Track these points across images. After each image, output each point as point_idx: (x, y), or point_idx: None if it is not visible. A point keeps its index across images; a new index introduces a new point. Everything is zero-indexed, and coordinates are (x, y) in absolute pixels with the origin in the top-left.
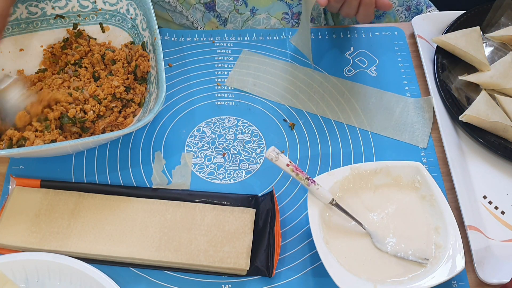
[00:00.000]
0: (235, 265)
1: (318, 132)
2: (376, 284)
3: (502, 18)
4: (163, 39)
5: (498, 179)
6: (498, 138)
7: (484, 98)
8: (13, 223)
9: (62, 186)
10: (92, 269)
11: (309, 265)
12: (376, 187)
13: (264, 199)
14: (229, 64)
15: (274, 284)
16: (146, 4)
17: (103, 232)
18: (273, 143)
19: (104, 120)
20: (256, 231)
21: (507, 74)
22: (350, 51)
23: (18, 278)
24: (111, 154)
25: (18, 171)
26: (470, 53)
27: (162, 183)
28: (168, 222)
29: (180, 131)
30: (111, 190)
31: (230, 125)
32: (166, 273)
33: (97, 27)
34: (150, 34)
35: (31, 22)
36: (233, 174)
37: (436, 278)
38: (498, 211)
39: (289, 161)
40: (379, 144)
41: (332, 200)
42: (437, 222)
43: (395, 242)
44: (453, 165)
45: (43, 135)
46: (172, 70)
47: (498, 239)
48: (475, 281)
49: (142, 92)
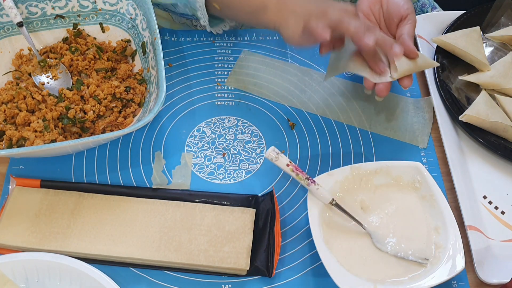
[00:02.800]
0: (235, 265)
1: (318, 132)
2: (376, 284)
3: (502, 18)
4: (163, 39)
5: (498, 179)
6: (498, 138)
7: (484, 98)
8: (13, 223)
9: (62, 186)
10: (92, 269)
11: (309, 265)
12: (376, 187)
13: (264, 199)
14: (229, 64)
15: (274, 284)
16: (146, 4)
17: (103, 232)
18: (273, 143)
19: (104, 120)
20: (256, 231)
21: (507, 74)
22: None
23: (18, 278)
24: (111, 154)
25: (18, 171)
26: (470, 53)
27: (162, 183)
28: (168, 222)
29: (180, 131)
30: (111, 190)
31: (230, 125)
32: (166, 273)
33: (97, 27)
34: (150, 34)
35: (31, 22)
36: (233, 174)
37: (436, 278)
38: (498, 211)
39: (289, 161)
40: (379, 144)
41: (332, 200)
42: (437, 222)
43: (395, 242)
44: (453, 165)
45: (43, 135)
46: (172, 70)
47: (498, 239)
48: (475, 281)
49: (142, 92)
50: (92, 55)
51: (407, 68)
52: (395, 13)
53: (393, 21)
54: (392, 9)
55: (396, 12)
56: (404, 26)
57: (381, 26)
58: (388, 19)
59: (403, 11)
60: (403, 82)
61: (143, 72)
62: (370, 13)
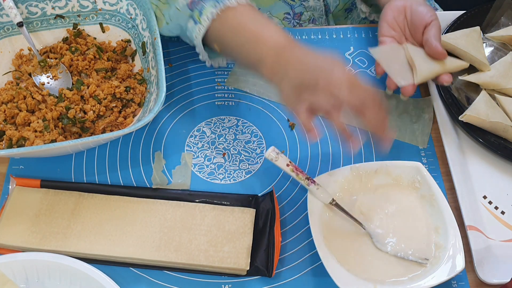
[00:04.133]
0: (235, 265)
1: (318, 132)
2: (376, 284)
3: (502, 18)
4: (163, 39)
5: (498, 179)
6: (498, 138)
7: (484, 98)
8: (13, 223)
9: (62, 186)
10: (92, 269)
11: (309, 265)
12: (376, 187)
13: (264, 199)
14: (229, 64)
15: (274, 284)
16: (146, 4)
17: (103, 232)
18: (273, 143)
19: (104, 120)
20: (256, 231)
21: (507, 74)
22: (350, 51)
23: (18, 278)
24: (111, 154)
25: (18, 171)
26: (470, 53)
27: (162, 183)
28: (168, 222)
29: (180, 131)
30: (111, 190)
31: (230, 125)
32: (166, 273)
33: (97, 27)
34: (150, 34)
35: (31, 22)
36: (233, 174)
37: (436, 278)
38: (498, 211)
39: (289, 161)
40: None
41: (332, 200)
42: (437, 222)
43: (395, 242)
44: (453, 165)
45: (43, 135)
46: (172, 70)
47: (498, 239)
48: (475, 281)
49: (142, 92)
50: (92, 55)
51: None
52: (419, 21)
53: (418, 29)
54: (416, 18)
55: (420, 20)
56: (430, 31)
57: (406, 35)
58: (413, 28)
59: (427, 18)
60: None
61: (143, 72)
62: (395, 23)
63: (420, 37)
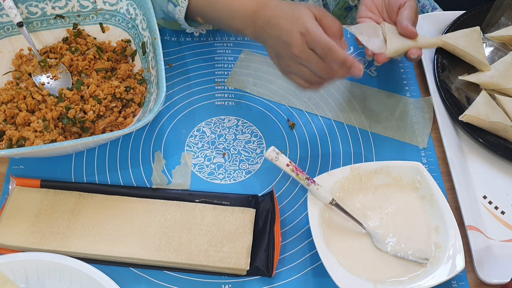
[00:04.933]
0: (235, 265)
1: (318, 132)
2: (376, 284)
3: (502, 18)
4: (163, 39)
5: (498, 179)
6: (498, 138)
7: (484, 98)
8: (13, 223)
9: (62, 186)
10: (92, 269)
11: (309, 265)
12: (376, 187)
13: (264, 199)
14: (229, 64)
15: (274, 284)
16: (146, 4)
17: (103, 232)
18: (273, 143)
19: (104, 120)
20: (256, 231)
21: (507, 74)
22: (350, 51)
23: (18, 278)
24: (111, 154)
25: (18, 171)
26: (470, 53)
27: (162, 183)
28: (168, 222)
29: (180, 131)
30: (111, 190)
31: (230, 125)
32: (166, 273)
33: (97, 27)
34: (150, 34)
35: (31, 22)
36: (233, 174)
37: (436, 278)
38: (498, 211)
39: (289, 161)
40: (379, 144)
41: (332, 200)
42: (437, 222)
43: (395, 242)
44: (453, 165)
45: (43, 135)
46: (172, 70)
47: (498, 239)
48: (475, 281)
49: (142, 92)
50: (92, 55)
51: (400, 46)
52: (395, 2)
53: (394, 10)
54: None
55: (395, 2)
56: (403, 12)
57: (384, 17)
58: (390, 9)
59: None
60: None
61: (143, 72)
62: (373, 6)
63: (395, 17)
